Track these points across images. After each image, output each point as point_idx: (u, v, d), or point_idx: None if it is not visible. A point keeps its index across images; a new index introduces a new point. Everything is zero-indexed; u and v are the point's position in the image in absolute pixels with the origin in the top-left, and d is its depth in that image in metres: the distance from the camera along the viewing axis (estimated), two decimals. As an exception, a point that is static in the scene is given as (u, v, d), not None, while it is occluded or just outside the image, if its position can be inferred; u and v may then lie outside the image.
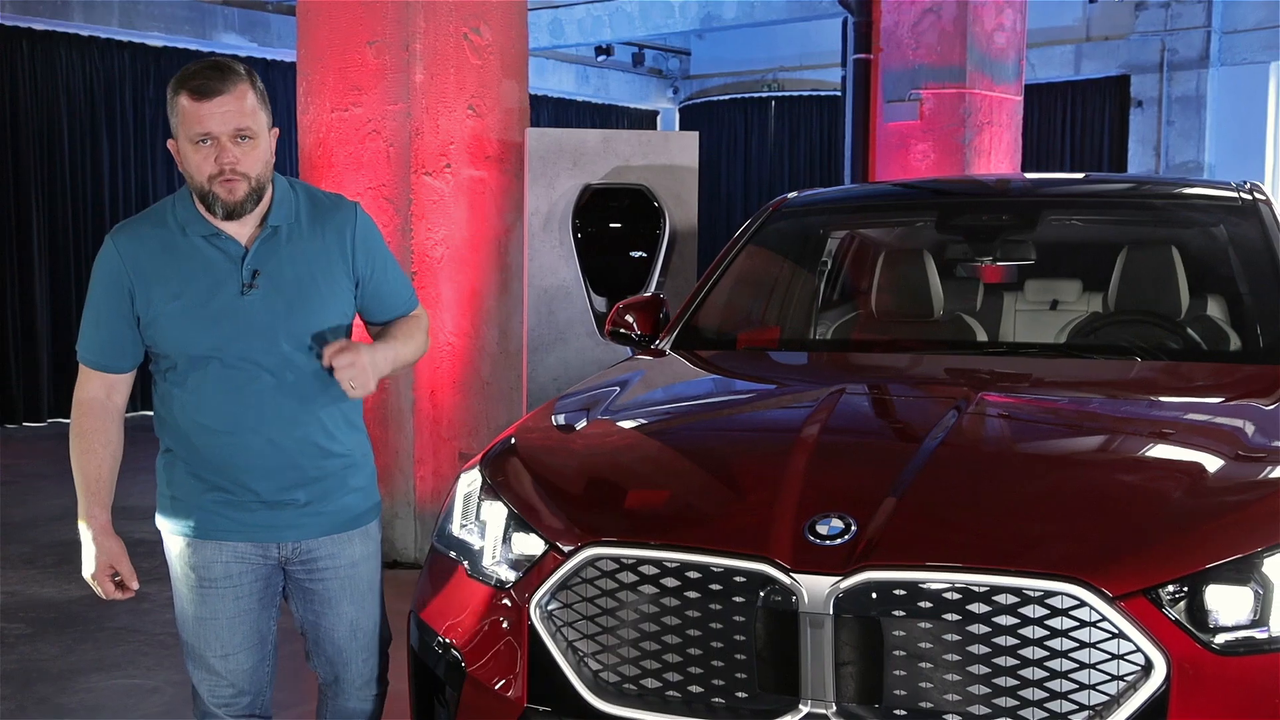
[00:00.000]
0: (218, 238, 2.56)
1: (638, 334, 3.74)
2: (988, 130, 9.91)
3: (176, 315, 2.54)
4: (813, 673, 2.16)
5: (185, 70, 2.50)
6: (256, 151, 2.51)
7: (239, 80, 2.47)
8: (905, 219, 4.37)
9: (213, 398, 2.58)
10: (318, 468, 2.65)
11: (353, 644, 2.80)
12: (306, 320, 2.60)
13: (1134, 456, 2.56)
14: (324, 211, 2.67)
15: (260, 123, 2.51)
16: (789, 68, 16.35)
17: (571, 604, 2.37)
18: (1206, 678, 2.06)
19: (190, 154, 2.49)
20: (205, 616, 2.66)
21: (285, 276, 2.58)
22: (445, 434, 5.97)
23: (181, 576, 2.68)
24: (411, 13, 5.69)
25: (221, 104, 2.44)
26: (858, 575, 2.15)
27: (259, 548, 2.65)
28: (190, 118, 2.45)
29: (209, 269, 2.55)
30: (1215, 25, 13.43)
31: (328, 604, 2.75)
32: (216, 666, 2.69)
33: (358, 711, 2.90)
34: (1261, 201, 3.63)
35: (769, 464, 2.52)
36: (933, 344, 3.68)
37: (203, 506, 2.61)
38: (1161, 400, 2.94)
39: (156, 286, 2.55)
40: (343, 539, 2.73)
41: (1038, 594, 2.09)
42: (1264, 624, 2.11)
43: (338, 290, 2.64)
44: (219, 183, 2.48)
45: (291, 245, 2.60)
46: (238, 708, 2.73)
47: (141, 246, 2.57)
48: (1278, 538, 2.15)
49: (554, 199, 6.18)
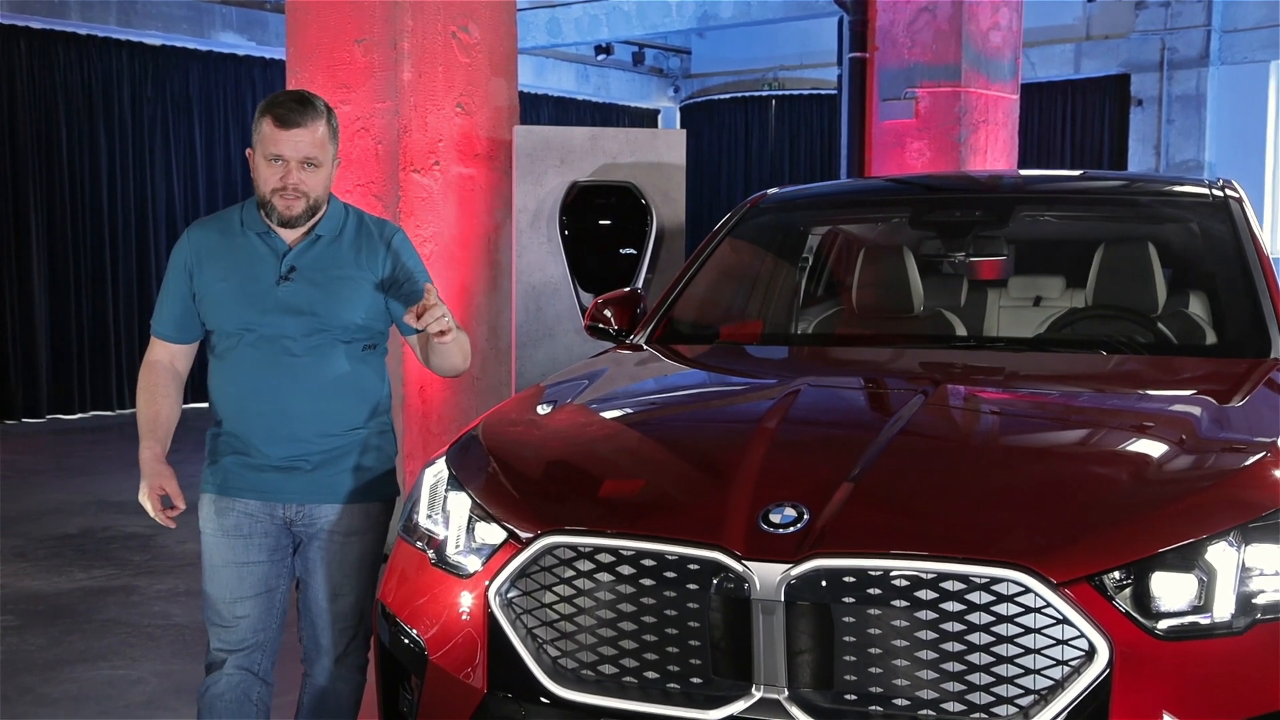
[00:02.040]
0: (268, 235, 2.96)
1: (615, 328, 3.77)
2: (983, 129, 9.93)
3: (222, 294, 2.93)
4: (765, 658, 2.20)
5: (274, 97, 2.89)
6: (318, 177, 2.91)
7: (316, 116, 2.88)
8: (880, 215, 4.40)
9: (241, 369, 2.94)
10: (324, 443, 2.95)
11: (333, 607, 3.03)
12: (329, 316, 2.93)
13: (1084, 447, 2.59)
14: (367, 231, 3.05)
15: (327, 154, 2.91)
16: (789, 66, 16.37)
17: (530, 592, 2.40)
18: (1149, 663, 2.09)
19: (262, 167, 2.89)
20: (219, 564, 2.97)
21: (317, 275, 2.94)
22: (435, 429, 6.01)
23: (205, 530, 3.00)
24: (400, 11, 5.73)
25: (297, 134, 2.84)
26: (808, 563, 2.18)
27: (266, 506, 2.97)
28: (269, 139, 2.85)
29: (255, 259, 2.94)
30: (1215, 24, 13.44)
31: (316, 567, 3.02)
32: (224, 613, 2.97)
33: (331, 691, 3.07)
34: (1233, 199, 3.66)
35: (727, 454, 2.55)
36: (910, 339, 3.70)
37: (226, 467, 2.96)
38: (1119, 393, 2.98)
39: (210, 269, 2.95)
40: (343, 510, 3.00)
41: (984, 581, 2.12)
42: (1207, 610, 2.14)
43: (363, 295, 2.98)
44: (279, 196, 2.88)
45: (329, 252, 2.97)
46: (239, 657, 2.98)
47: (206, 236, 2.99)
48: (1221, 525, 2.19)
49: (542, 196, 6.21)
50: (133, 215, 11.62)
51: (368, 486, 3.03)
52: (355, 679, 3.10)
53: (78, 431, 10.61)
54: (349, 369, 2.97)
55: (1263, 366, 3.02)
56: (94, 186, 11.33)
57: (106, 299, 11.48)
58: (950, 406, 2.83)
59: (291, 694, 3.16)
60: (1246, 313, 3.30)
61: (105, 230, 11.43)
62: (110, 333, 11.55)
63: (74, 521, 7.04)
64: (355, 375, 2.99)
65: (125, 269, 11.61)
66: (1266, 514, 2.22)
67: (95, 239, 11.39)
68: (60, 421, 11.06)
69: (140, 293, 11.69)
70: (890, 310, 3.89)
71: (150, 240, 11.74)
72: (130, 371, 11.58)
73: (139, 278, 11.72)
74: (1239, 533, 2.19)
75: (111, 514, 7.23)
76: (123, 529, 6.84)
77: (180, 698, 4.23)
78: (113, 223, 11.48)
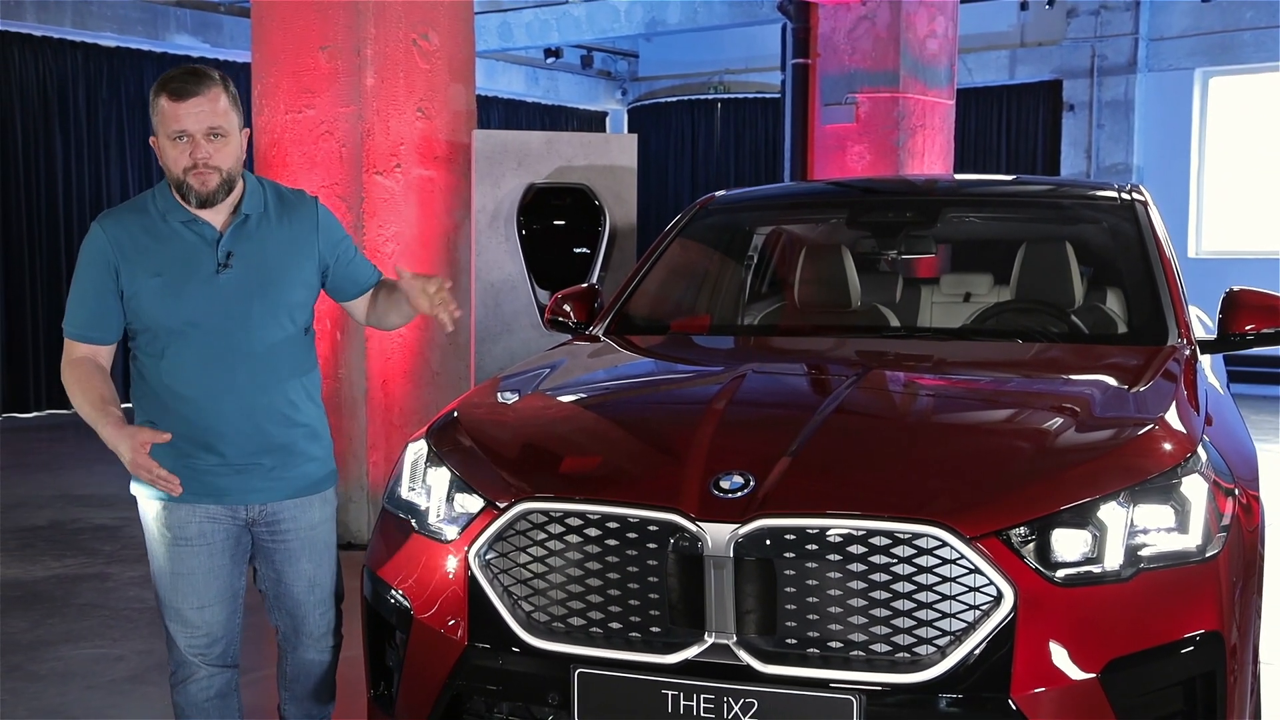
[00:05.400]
0: (195, 223, 2.87)
1: (574, 321, 4.06)
2: (921, 133, 10.31)
3: (157, 291, 2.83)
4: (716, 608, 2.49)
5: (165, 75, 2.82)
6: (228, 148, 2.82)
7: (213, 84, 2.80)
8: (820, 216, 4.73)
9: (189, 366, 2.86)
10: (283, 434, 2.95)
11: (310, 598, 3.11)
12: (275, 298, 2.91)
13: (996, 422, 2.93)
14: (289, 205, 3.01)
15: (232, 122, 2.82)
16: (735, 70, 16.72)
17: (506, 554, 2.68)
18: (1048, 606, 2.41)
19: (168, 149, 2.80)
20: (182, 572, 2.94)
21: (256, 258, 2.90)
22: (397, 421, 6.26)
23: (158, 537, 2.95)
24: (362, 19, 5.98)
25: (196, 104, 2.76)
26: (754, 523, 2.48)
27: (229, 509, 2.94)
28: (168, 116, 2.77)
29: (187, 250, 2.86)
30: (1143, 32, 13.93)
31: (288, 562, 3.06)
32: (192, 619, 2.97)
33: (315, 662, 3.20)
34: (1139, 202, 4.01)
35: (681, 431, 2.85)
36: (847, 330, 4.02)
37: (176, 472, 2.78)
38: (1029, 376, 3.33)
39: (139, 264, 2.83)
40: (304, 503, 3.04)
41: (906, 536, 2.44)
42: (1099, 560, 2.47)
43: (303, 273, 2.98)
44: (193, 174, 2.79)
45: (261, 232, 2.93)
46: (211, 656, 3.03)
47: (125, 230, 2.86)
48: (1113, 487, 2.52)
49: (500, 197, 6.48)
50: (88, 215, 11.68)
51: (322, 474, 3.08)
52: (335, 647, 3.24)
53: (34, 429, 10.70)
54: (297, 355, 2.96)
55: (1160, 353, 3.36)
56: (49, 186, 11.40)
57: (61, 299, 11.50)
58: (879, 388, 3.16)
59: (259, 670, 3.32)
60: (1148, 305, 3.65)
61: (60, 230, 11.50)
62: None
63: (42, 514, 7.20)
64: (303, 361, 2.99)
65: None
66: (1152, 477, 2.56)
67: (50, 239, 11.46)
68: (15, 420, 11.14)
69: (95, 292, 11.75)
70: (830, 305, 4.21)
71: (105, 240, 11.81)
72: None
73: (94, 277, 11.77)
74: (1128, 494, 2.52)
75: (78, 507, 7.41)
76: (90, 520, 7.02)
77: (162, 673, 4.41)
78: (68, 222, 11.55)
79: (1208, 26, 13.59)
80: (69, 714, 4.11)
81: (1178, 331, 3.49)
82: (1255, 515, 2.79)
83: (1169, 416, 2.79)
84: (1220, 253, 13.79)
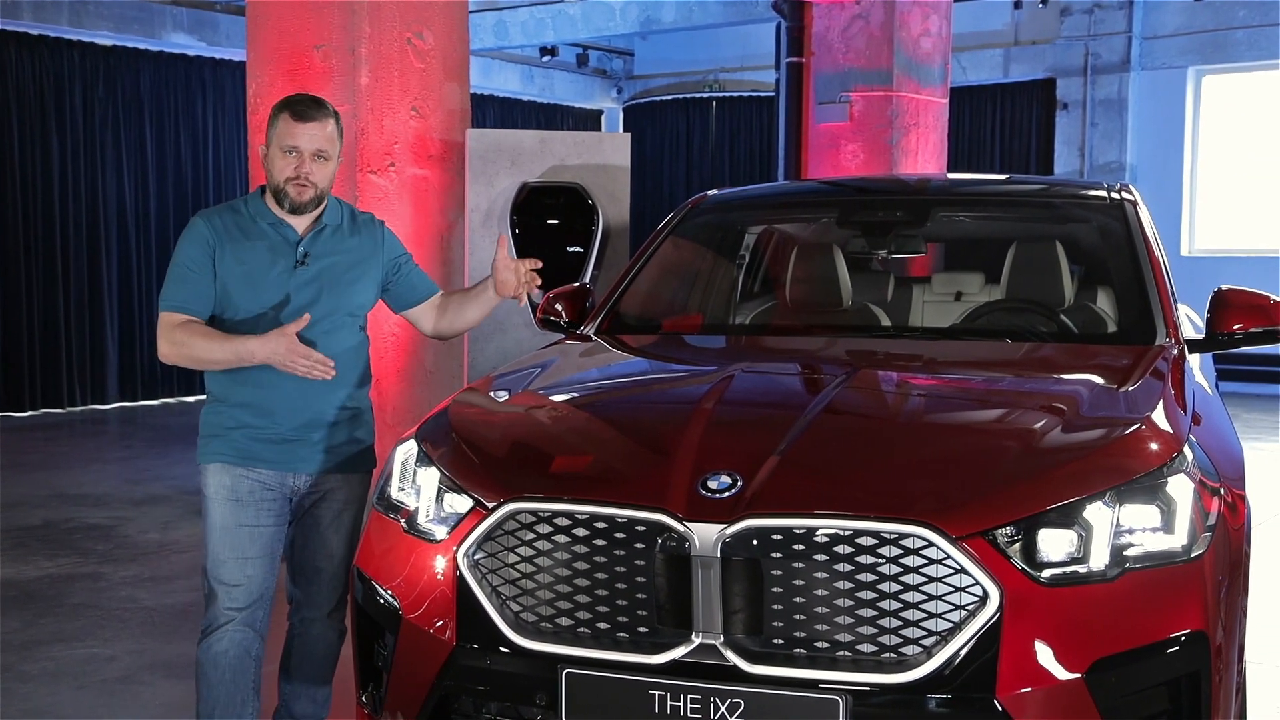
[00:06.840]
0: (280, 225, 3.28)
1: (565, 320, 4.07)
2: (914, 132, 10.31)
3: (241, 277, 3.23)
4: (704, 608, 2.50)
5: (291, 97, 3.27)
6: (326, 169, 3.26)
7: (328, 114, 3.25)
8: (811, 215, 4.73)
9: None
10: (333, 413, 3.32)
11: (329, 569, 3.42)
12: (339, 297, 3.31)
13: (983, 421, 2.93)
14: (360, 223, 3.44)
15: (334, 149, 3.27)
16: (730, 69, 16.73)
17: (495, 554, 2.69)
18: (1034, 605, 2.42)
19: (277, 159, 3.22)
20: (231, 525, 3.25)
21: (327, 262, 3.31)
22: (390, 421, 6.26)
23: (215, 497, 3.27)
24: (357, 18, 5.98)
25: (312, 128, 3.20)
26: (741, 523, 2.48)
27: (279, 475, 3.29)
28: (285, 133, 3.20)
29: (271, 246, 3.27)
30: (1136, 31, 13.95)
31: (314, 529, 3.38)
32: (235, 572, 3.24)
33: (322, 638, 3.45)
34: (1128, 201, 4.02)
35: (669, 431, 2.86)
36: (838, 330, 4.03)
37: (238, 439, 3.24)
38: (1017, 375, 3.33)
39: (231, 252, 3.24)
40: (344, 479, 3.39)
41: (893, 536, 2.44)
42: (1084, 560, 2.48)
43: (366, 281, 3.39)
44: (293, 184, 3.22)
45: (334, 241, 3.34)
46: (244, 615, 3.26)
47: (223, 222, 3.28)
48: (1098, 487, 2.53)
49: (493, 196, 6.49)
50: (84, 214, 11.70)
51: (360, 457, 3.43)
52: (341, 628, 3.47)
53: (29, 429, 10.70)
54: (353, 346, 3.35)
55: (1149, 353, 3.37)
56: (45, 186, 11.39)
57: (57, 298, 11.55)
58: (868, 388, 3.17)
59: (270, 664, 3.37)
60: (1136, 304, 3.66)
61: (56, 229, 11.50)
62: (61, 331, 11.62)
63: (36, 514, 7.20)
64: (358, 352, 3.38)
65: (76, 268, 11.68)
66: (1138, 477, 2.57)
67: (46, 238, 11.46)
68: (10, 419, 11.14)
69: (91, 291, 11.78)
70: (821, 304, 4.22)
71: (101, 239, 11.82)
72: (80, 369, 11.70)
73: (90, 276, 11.79)
74: (1114, 494, 2.53)
75: (72, 506, 7.41)
76: (84, 520, 7.03)
77: (154, 673, 4.47)
78: (64, 222, 11.55)
79: (1201, 25, 13.60)
80: (60, 714, 4.11)
81: (1166, 331, 3.50)
82: (1241, 514, 2.80)
83: (1155, 416, 2.79)
84: (1214, 251, 13.81)
